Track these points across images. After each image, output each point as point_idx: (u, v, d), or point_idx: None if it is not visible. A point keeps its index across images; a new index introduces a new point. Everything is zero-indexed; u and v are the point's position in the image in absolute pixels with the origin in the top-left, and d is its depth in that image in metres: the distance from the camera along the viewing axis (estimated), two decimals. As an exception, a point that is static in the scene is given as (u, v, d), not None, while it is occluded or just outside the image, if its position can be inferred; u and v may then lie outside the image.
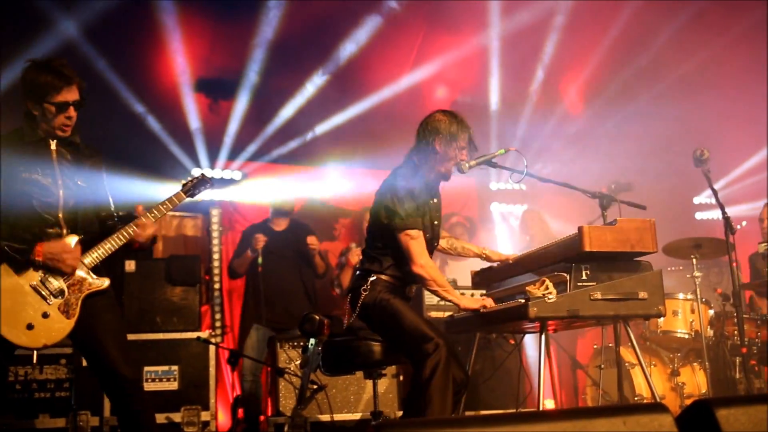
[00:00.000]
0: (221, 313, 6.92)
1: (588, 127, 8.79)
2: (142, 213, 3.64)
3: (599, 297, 3.57)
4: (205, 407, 5.68)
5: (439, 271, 3.98)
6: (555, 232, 7.50)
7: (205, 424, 5.62)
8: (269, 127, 8.00)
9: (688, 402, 5.09)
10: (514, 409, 5.35)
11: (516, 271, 4.25)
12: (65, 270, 3.47)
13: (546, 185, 4.25)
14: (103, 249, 3.58)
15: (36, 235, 3.49)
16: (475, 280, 4.68)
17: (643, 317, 3.89)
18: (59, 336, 3.47)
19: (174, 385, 5.66)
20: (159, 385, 5.62)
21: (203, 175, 3.97)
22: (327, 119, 7.95)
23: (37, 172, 3.53)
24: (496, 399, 5.82)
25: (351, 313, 4.04)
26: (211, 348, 5.79)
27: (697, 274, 5.70)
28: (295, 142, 8.07)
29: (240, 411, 5.89)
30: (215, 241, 7.14)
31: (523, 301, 3.57)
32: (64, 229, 3.55)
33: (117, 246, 3.60)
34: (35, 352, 5.17)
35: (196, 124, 7.61)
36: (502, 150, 4.11)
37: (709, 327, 5.82)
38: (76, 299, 3.51)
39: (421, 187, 3.97)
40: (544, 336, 3.71)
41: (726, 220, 4.87)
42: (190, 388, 5.69)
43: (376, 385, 4.46)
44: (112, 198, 3.82)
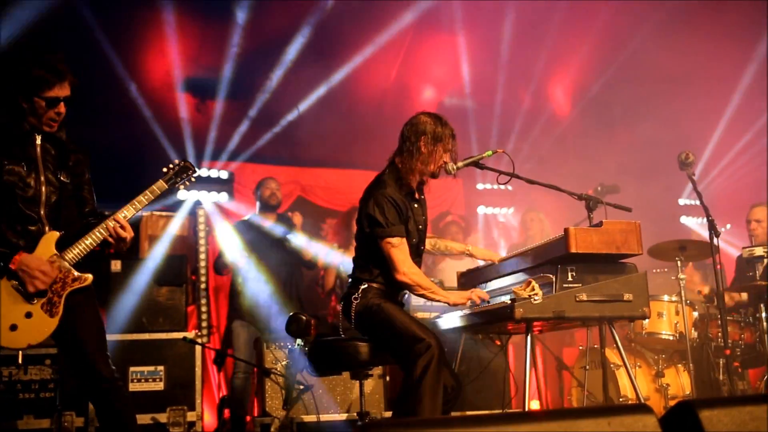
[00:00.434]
0: (208, 313, 6.88)
1: (574, 129, 8.83)
2: (119, 218, 3.55)
3: (585, 298, 3.59)
4: (191, 407, 5.65)
5: (423, 275, 3.96)
6: (553, 234, 7.51)
7: (191, 425, 5.60)
8: (258, 127, 7.99)
9: (673, 403, 5.12)
10: (500, 410, 5.36)
11: (502, 273, 4.26)
12: (29, 289, 3.39)
13: (533, 187, 4.26)
14: (84, 245, 3.52)
15: (19, 233, 3.45)
16: (461, 281, 4.70)
17: (628, 319, 3.90)
18: (43, 335, 3.44)
19: (160, 386, 5.63)
20: (145, 386, 5.59)
21: (185, 162, 3.80)
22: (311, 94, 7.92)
23: (21, 165, 3.49)
24: (482, 400, 5.82)
25: (345, 322, 4.04)
26: (198, 348, 5.77)
27: (681, 276, 5.73)
28: (279, 126, 8.03)
29: (226, 411, 5.88)
30: (202, 241, 7.11)
31: (509, 302, 3.58)
32: (46, 226, 3.51)
33: (97, 242, 3.53)
34: (20, 353, 5.13)
35: (186, 123, 7.58)
36: (490, 152, 4.12)
37: (693, 329, 5.85)
38: (59, 297, 3.47)
39: (402, 193, 3.95)
40: (529, 337, 3.72)
41: (710, 222, 4.90)
42: (176, 389, 5.66)
43: (362, 386, 4.45)
44: (96, 196, 3.76)
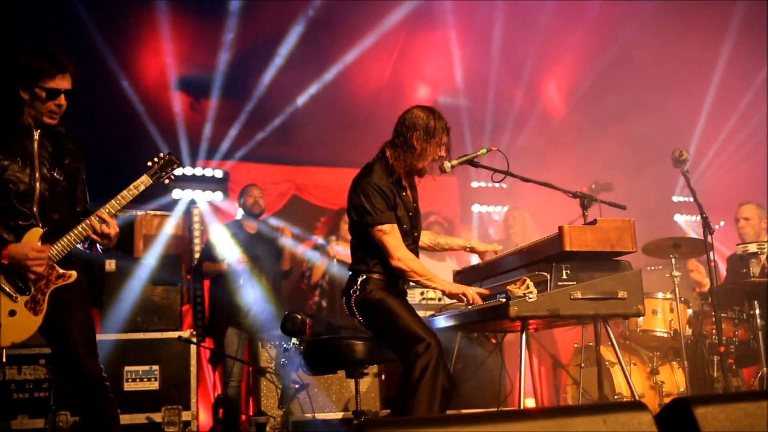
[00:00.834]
0: (202, 313, 6.88)
1: (568, 127, 8.84)
2: (101, 212, 3.49)
3: (579, 296, 3.59)
4: (186, 407, 5.65)
5: (418, 262, 3.92)
6: (535, 234, 7.51)
7: (186, 424, 5.60)
8: (252, 126, 7.98)
9: (667, 400, 5.14)
10: (496, 408, 5.37)
11: (497, 271, 4.26)
12: (31, 277, 3.39)
13: (527, 185, 4.25)
14: (66, 240, 3.46)
15: (11, 229, 3.41)
16: (456, 279, 4.69)
17: (622, 316, 3.91)
18: (27, 333, 3.41)
19: (155, 385, 5.63)
20: (140, 385, 5.59)
21: (170, 156, 3.70)
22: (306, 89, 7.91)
23: (16, 161, 3.45)
24: (477, 398, 5.84)
25: (350, 314, 3.99)
26: (193, 348, 5.76)
27: (676, 273, 5.73)
28: (274, 125, 8.02)
29: (221, 411, 5.87)
30: (197, 240, 7.11)
31: (503, 300, 3.59)
32: (39, 223, 3.47)
33: (80, 238, 3.47)
34: (4, 351, 5.07)
35: (180, 122, 7.56)
36: (484, 150, 4.11)
37: (687, 326, 5.87)
38: (43, 295, 3.43)
39: (389, 181, 3.90)
40: (524, 335, 3.73)
41: (704, 220, 4.91)
42: (170, 388, 5.66)
43: (357, 384, 4.45)
44: (89, 196, 3.73)
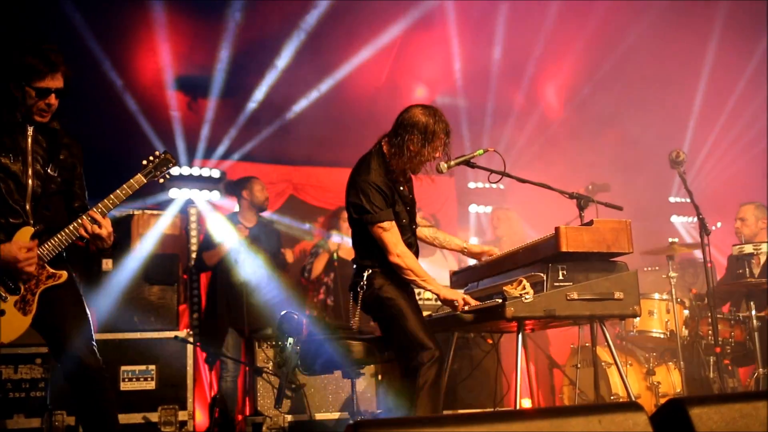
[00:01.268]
0: (199, 312, 6.87)
1: (565, 128, 8.85)
2: (93, 212, 3.46)
3: (575, 297, 3.60)
4: (183, 407, 5.64)
5: (416, 261, 3.92)
6: (525, 232, 7.52)
7: (182, 424, 5.59)
8: (249, 125, 7.97)
9: (663, 401, 5.14)
10: (492, 408, 5.37)
11: (493, 271, 4.27)
12: (23, 279, 3.38)
13: (524, 185, 4.26)
14: (57, 240, 3.43)
15: (2, 226, 3.39)
16: (453, 279, 4.70)
17: (618, 317, 3.91)
18: (16, 333, 3.40)
19: (151, 385, 5.61)
20: (136, 385, 5.58)
21: (165, 155, 3.63)
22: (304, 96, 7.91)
23: (8, 157, 3.42)
24: (474, 398, 5.84)
25: (354, 309, 3.99)
26: (189, 347, 5.76)
27: (672, 274, 5.75)
28: (271, 125, 8.01)
29: (217, 410, 5.86)
30: (194, 240, 7.10)
31: (500, 300, 3.59)
32: (31, 220, 3.45)
33: (71, 237, 3.43)
34: (-2, 350, 5.09)
35: (177, 121, 7.55)
36: (481, 150, 4.12)
37: (684, 327, 5.88)
38: (33, 295, 3.41)
39: (386, 178, 3.90)
40: (521, 335, 3.73)
41: (701, 220, 4.92)
42: (167, 388, 5.65)
43: (354, 385, 4.46)
44: (87, 190, 3.70)
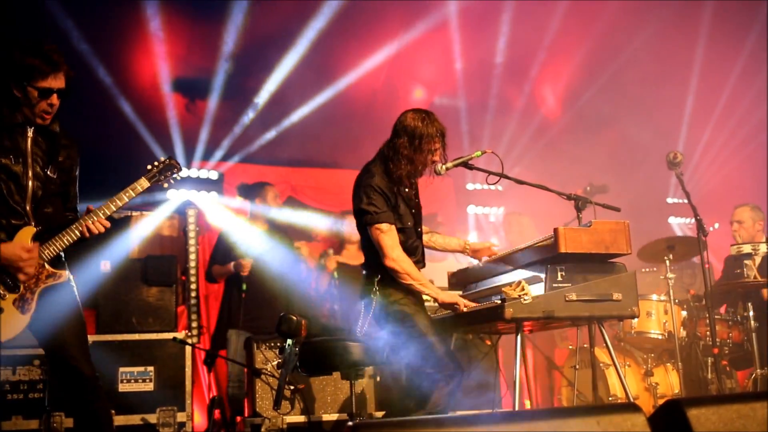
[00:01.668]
0: (197, 314, 6.88)
1: (563, 129, 8.86)
2: (93, 210, 3.49)
3: (574, 298, 3.60)
4: (181, 408, 5.64)
5: (412, 265, 3.92)
6: (535, 237, 7.51)
7: (181, 425, 5.59)
8: (248, 127, 7.97)
9: (661, 402, 5.15)
10: (490, 410, 5.37)
11: (492, 272, 4.27)
12: (22, 278, 3.37)
13: (523, 187, 4.27)
14: (61, 242, 3.44)
15: (3, 227, 3.39)
16: (452, 281, 4.70)
17: (617, 318, 3.92)
18: (15, 332, 3.38)
19: (150, 386, 5.61)
20: (134, 386, 5.57)
21: (170, 160, 3.66)
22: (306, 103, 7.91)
23: (9, 158, 3.42)
24: (472, 400, 5.83)
25: (365, 320, 3.98)
26: (188, 349, 5.75)
27: (670, 275, 5.75)
28: (269, 127, 8.01)
29: (216, 412, 5.86)
30: (192, 241, 7.10)
31: (499, 302, 3.60)
32: (32, 221, 3.44)
33: (74, 239, 3.45)
34: (-3, 351, 5.06)
35: (175, 123, 7.55)
36: (479, 152, 4.13)
37: (682, 328, 5.88)
38: (32, 294, 3.40)
39: (389, 182, 3.93)
40: (519, 337, 3.74)
41: (698, 222, 4.93)
42: (165, 389, 5.64)
43: (353, 386, 4.45)
44: (82, 196, 3.70)
